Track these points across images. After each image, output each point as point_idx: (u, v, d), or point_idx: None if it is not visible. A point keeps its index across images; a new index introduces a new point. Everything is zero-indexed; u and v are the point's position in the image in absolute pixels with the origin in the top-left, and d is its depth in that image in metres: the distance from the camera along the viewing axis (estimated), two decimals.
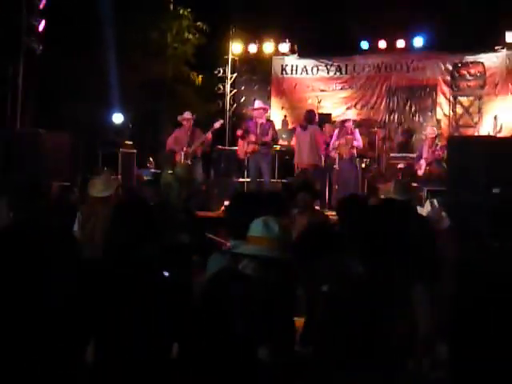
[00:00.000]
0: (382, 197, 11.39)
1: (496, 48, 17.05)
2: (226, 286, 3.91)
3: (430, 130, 15.19)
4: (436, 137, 14.79)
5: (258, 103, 14.39)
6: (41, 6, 14.15)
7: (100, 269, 3.98)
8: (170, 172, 11.43)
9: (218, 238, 5.43)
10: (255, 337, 3.76)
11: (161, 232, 4.41)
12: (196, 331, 3.94)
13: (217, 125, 14.30)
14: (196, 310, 4.05)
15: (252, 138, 13.62)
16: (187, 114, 14.28)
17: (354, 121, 15.23)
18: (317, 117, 14.83)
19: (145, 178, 15.42)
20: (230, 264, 4.14)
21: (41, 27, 14.36)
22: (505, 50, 16.97)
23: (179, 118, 14.38)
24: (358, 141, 14.00)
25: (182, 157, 14.02)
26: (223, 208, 11.66)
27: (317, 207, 13.70)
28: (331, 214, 12.37)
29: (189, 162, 13.83)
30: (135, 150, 15.55)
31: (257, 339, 3.77)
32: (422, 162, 14.43)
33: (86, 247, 7.28)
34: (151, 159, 16.93)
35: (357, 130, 14.17)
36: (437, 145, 14.55)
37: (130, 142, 15.74)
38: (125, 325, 3.79)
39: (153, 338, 3.83)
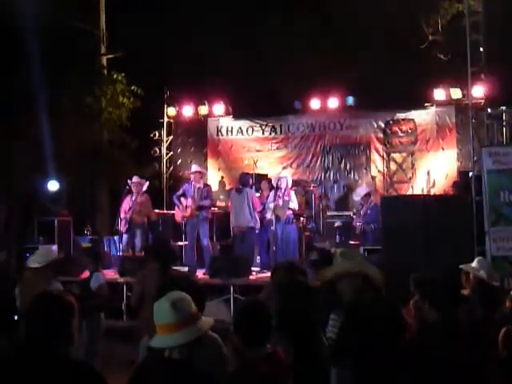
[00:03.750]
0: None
1: (426, 105, 17.48)
2: (154, 374, 3.71)
3: (359, 190, 15.20)
4: (367, 195, 14.75)
5: (194, 167, 14.38)
6: None
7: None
8: None
9: None
10: None
11: None
12: None
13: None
14: None
15: (189, 202, 13.59)
16: (135, 179, 14.29)
17: (294, 182, 15.14)
18: (251, 179, 14.91)
19: (83, 245, 15.29)
20: (157, 350, 3.78)
21: None
22: (434, 107, 17.41)
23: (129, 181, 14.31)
24: (294, 202, 13.99)
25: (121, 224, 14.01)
26: None
27: (256, 268, 13.77)
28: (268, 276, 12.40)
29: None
30: (71, 217, 15.39)
31: None
32: (358, 221, 14.48)
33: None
34: (88, 226, 16.77)
35: (292, 192, 14.15)
36: (371, 202, 14.56)
37: (66, 210, 15.58)
38: None
39: None
